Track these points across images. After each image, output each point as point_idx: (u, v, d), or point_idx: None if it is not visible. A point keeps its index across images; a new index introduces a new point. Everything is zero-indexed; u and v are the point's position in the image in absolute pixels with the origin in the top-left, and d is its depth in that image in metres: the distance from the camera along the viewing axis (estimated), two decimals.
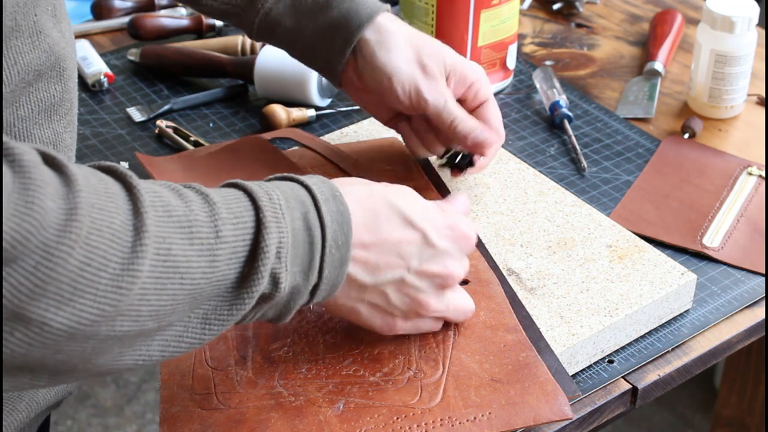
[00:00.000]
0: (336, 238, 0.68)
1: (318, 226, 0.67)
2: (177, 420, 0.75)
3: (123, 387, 2.14)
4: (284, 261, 0.65)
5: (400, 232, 0.73)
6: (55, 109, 0.75)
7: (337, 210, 0.68)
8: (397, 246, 0.73)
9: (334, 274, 0.69)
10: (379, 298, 0.75)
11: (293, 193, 0.68)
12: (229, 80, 1.24)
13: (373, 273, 0.72)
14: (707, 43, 1.15)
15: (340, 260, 0.69)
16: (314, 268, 0.67)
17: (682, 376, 0.88)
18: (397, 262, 0.73)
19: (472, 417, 0.75)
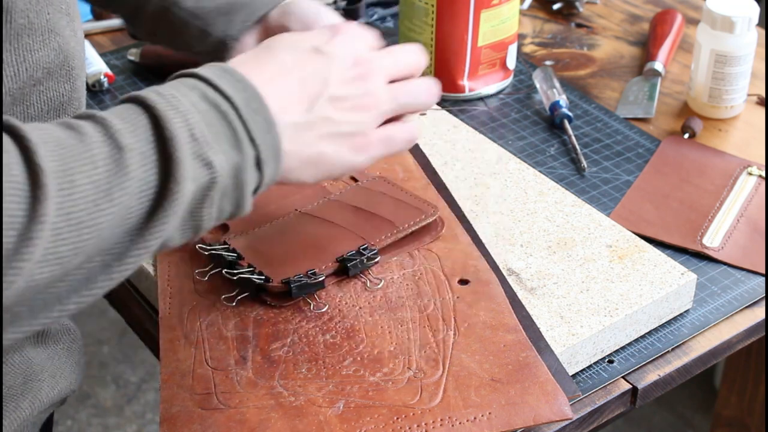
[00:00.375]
0: (248, 103, 0.65)
1: (222, 98, 0.65)
2: (177, 420, 0.75)
3: (123, 387, 2.14)
4: (203, 140, 0.62)
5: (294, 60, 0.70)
6: (64, 108, 0.75)
7: (234, 79, 0.66)
8: (306, 74, 0.70)
9: (269, 137, 0.66)
10: (328, 126, 0.71)
11: (181, 83, 0.65)
12: None
13: (304, 108, 0.70)
14: (707, 43, 1.15)
15: (266, 121, 0.66)
16: (242, 138, 0.65)
17: (682, 376, 0.88)
18: (315, 86, 0.70)
19: (472, 417, 0.75)
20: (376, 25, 1.37)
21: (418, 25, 1.18)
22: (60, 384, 0.81)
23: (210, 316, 0.84)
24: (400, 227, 0.90)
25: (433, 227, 0.92)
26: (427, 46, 1.19)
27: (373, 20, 1.37)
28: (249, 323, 0.83)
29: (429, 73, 1.20)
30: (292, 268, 0.86)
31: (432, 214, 0.92)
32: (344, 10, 1.36)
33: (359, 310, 0.85)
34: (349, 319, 0.84)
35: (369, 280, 0.87)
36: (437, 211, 0.92)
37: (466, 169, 1.03)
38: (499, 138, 1.14)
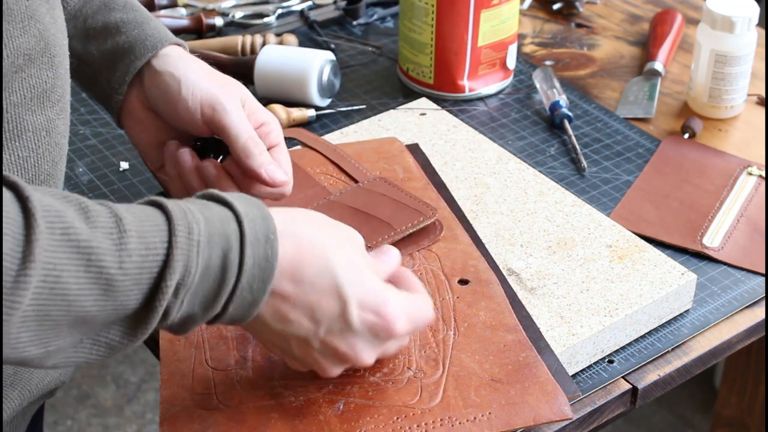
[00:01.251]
0: (252, 282, 0.65)
1: (236, 268, 0.65)
2: (177, 420, 0.75)
3: (123, 387, 2.14)
4: (181, 297, 0.63)
5: (321, 296, 0.69)
6: (48, 95, 0.75)
7: (263, 255, 0.65)
8: (312, 307, 0.69)
9: (241, 312, 0.67)
10: (282, 343, 0.72)
11: (221, 227, 0.65)
12: None
13: (280, 322, 0.70)
14: (707, 43, 1.15)
15: (251, 303, 0.67)
16: (218, 304, 0.65)
17: (682, 376, 0.88)
18: (306, 323, 0.70)
19: (472, 417, 0.75)
20: (376, 25, 1.37)
21: (418, 25, 1.18)
22: (50, 375, 0.81)
23: None
24: (398, 229, 0.90)
25: (431, 230, 0.92)
26: (427, 46, 1.19)
27: (373, 20, 1.37)
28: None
29: (429, 73, 1.20)
30: None
31: (430, 216, 0.92)
32: (344, 10, 1.36)
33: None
34: None
35: None
36: (436, 213, 0.92)
37: (466, 169, 1.03)
38: (499, 138, 1.14)
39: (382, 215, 0.92)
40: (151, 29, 0.90)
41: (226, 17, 1.35)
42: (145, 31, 0.90)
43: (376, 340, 0.72)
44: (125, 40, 0.89)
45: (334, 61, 1.19)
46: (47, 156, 0.75)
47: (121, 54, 0.89)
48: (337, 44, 1.31)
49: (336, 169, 1.01)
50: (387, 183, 0.96)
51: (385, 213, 0.92)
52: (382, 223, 0.91)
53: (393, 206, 0.93)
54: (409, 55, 1.22)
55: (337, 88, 1.20)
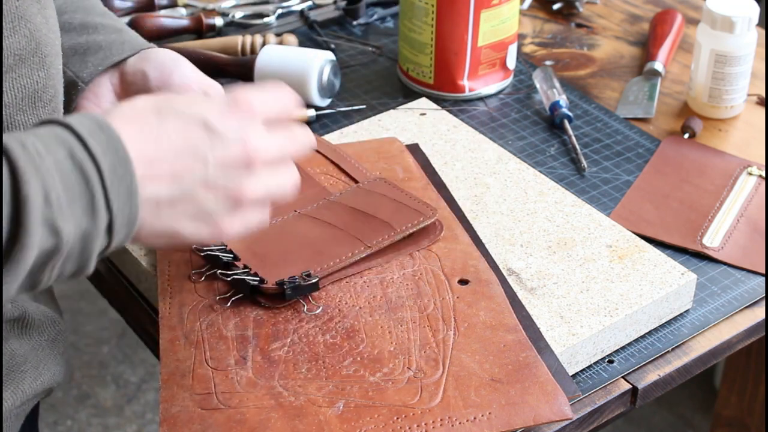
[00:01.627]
0: (114, 169, 0.62)
1: (89, 160, 0.62)
2: (177, 420, 0.75)
3: (123, 387, 2.14)
4: (56, 205, 0.60)
5: (182, 132, 0.66)
6: (39, 95, 0.74)
7: (106, 139, 0.63)
8: (183, 146, 0.66)
9: (127, 206, 0.64)
10: (193, 206, 0.68)
11: (53, 133, 0.62)
12: (229, 80, 1.23)
13: (174, 182, 0.66)
14: (707, 43, 1.15)
15: (128, 191, 0.63)
16: (98, 205, 0.62)
17: (682, 376, 0.88)
18: (192, 163, 0.66)
19: (472, 417, 0.75)
20: (376, 25, 1.37)
21: (418, 25, 1.18)
22: (43, 375, 0.81)
23: (210, 316, 0.84)
24: (398, 229, 0.90)
25: (431, 230, 0.92)
26: (427, 46, 1.19)
27: (373, 20, 1.37)
28: (249, 323, 0.83)
29: (429, 73, 1.20)
30: (287, 270, 0.86)
31: (430, 217, 0.92)
32: (344, 10, 1.36)
33: (359, 310, 0.85)
34: (349, 319, 0.84)
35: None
36: (436, 214, 0.92)
37: (466, 169, 1.03)
38: (499, 138, 1.14)
39: (382, 215, 0.92)
40: (130, 37, 0.90)
41: (226, 17, 1.35)
42: (123, 37, 0.90)
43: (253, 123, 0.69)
44: (103, 39, 0.89)
45: (334, 61, 1.19)
46: None
47: (96, 49, 0.88)
48: (337, 44, 1.31)
49: (336, 169, 1.01)
50: (387, 183, 0.96)
51: (385, 213, 0.92)
52: (383, 223, 0.91)
53: (393, 206, 0.93)
54: (409, 55, 1.22)
55: (337, 88, 1.20)
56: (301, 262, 0.87)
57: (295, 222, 0.92)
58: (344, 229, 0.90)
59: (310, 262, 0.87)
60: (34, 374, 0.80)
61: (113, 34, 0.90)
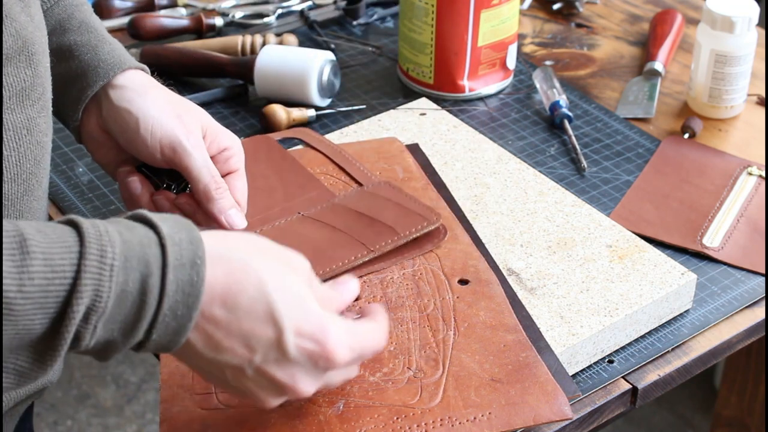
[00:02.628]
0: (175, 308, 0.62)
1: (156, 293, 0.62)
2: (177, 420, 0.75)
3: (123, 387, 2.14)
4: (93, 323, 0.60)
5: (256, 323, 0.66)
6: (27, 93, 0.74)
7: (188, 280, 0.63)
8: (247, 333, 0.66)
9: (166, 340, 0.64)
10: (216, 371, 0.68)
11: (141, 250, 0.62)
12: (229, 80, 1.24)
13: (213, 350, 0.66)
14: (707, 43, 1.15)
15: (176, 330, 0.63)
16: (139, 331, 0.62)
17: (682, 376, 0.88)
18: (240, 351, 0.66)
19: (472, 417, 0.75)
20: (376, 25, 1.37)
21: (418, 25, 1.18)
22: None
23: None
24: (401, 234, 0.90)
25: (435, 234, 0.92)
26: (427, 46, 1.19)
27: (373, 20, 1.37)
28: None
29: (429, 73, 1.20)
30: None
31: (434, 222, 0.91)
32: (344, 10, 1.36)
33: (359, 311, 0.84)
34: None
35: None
36: (440, 219, 0.92)
37: (466, 169, 1.03)
38: (499, 138, 1.14)
39: (386, 219, 0.91)
40: (105, 54, 0.88)
41: (226, 17, 1.35)
42: (99, 56, 0.87)
43: (316, 370, 0.68)
44: (77, 65, 0.87)
45: (334, 61, 1.19)
46: (29, 155, 0.75)
47: (73, 79, 0.87)
48: (337, 44, 1.31)
49: (337, 169, 1.01)
50: (392, 187, 0.96)
51: (389, 217, 0.92)
52: (386, 228, 0.90)
53: (397, 211, 0.92)
54: (409, 55, 1.22)
55: (337, 88, 1.20)
56: None
57: (298, 224, 0.92)
58: (347, 232, 0.90)
59: (312, 265, 0.86)
60: None
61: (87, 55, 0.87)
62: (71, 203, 1.04)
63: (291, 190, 0.97)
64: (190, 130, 0.85)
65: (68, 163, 1.10)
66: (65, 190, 1.06)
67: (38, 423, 2.04)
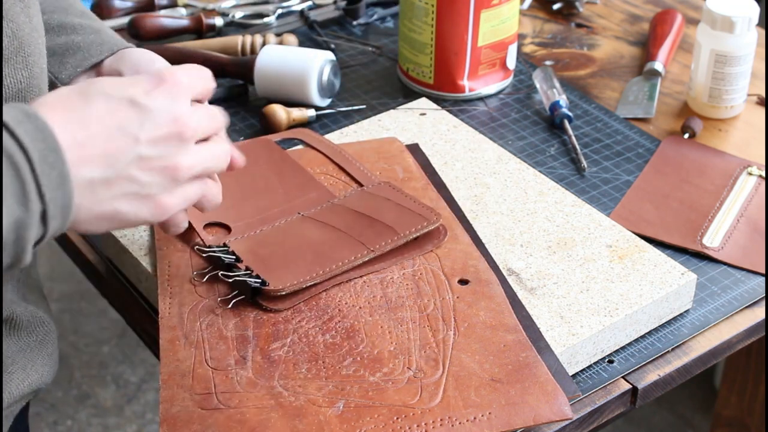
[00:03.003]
0: (45, 157, 0.62)
1: (18, 150, 0.61)
2: (177, 420, 0.75)
3: (123, 387, 2.14)
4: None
5: (110, 113, 0.66)
6: (23, 95, 0.74)
7: (35, 128, 0.62)
8: (113, 127, 0.66)
9: (59, 194, 0.63)
10: (130, 185, 0.68)
11: None
12: (229, 80, 1.24)
13: (108, 164, 0.66)
14: (707, 43, 1.15)
15: (60, 177, 0.63)
16: (30, 194, 0.62)
17: (682, 376, 0.88)
18: (124, 142, 0.66)
19: (472, 417, 0.75)
20: (376, 25, 1.37)
21: (418, 25, 1.18)
22: (31, 376, 0.81)
23: (210, 316, 0.84)
24: (401, 234, 0.90)
25: (435, 235, 0.92)
26: (427, 46, 1.19)
27: (373, 20, 1.37)
28: (249, 323, 0.83)
29: (429, 73, 1.20)
30: (289, 272, 0.86)
31: (434, 222, 0.91)
32: (344, 10, 1.36)
33: (359, 310, 0.85)
34: (349, 319, 0.84)
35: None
36: (440, 219, 0.92)
37: (466, 169, 1.03)
38: (499, 138, 1.14)
39: (386, 219, 0.91)
40: (108, 37, 0.89)
41: (226, 17, 1.35)
42: (102, 38, 0.89)
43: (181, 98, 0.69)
44: (81, 40, 0.88)
45: (334, 61, 1.19)
46: None
47: (74, 50, 0.88)
48: (337, 44, 1.31)
49: (337, 170, 1.01)
50: (392, 187, 0.96)
51: (389, 217, 0.92)
52: (386, 228, 0.90)
53: (397, 211, 0.93)
54: (409, 55, 1.22)
55: (337, 88, 1.20)
56: (303, 264, 0.87)
57: (298, 224, 0.92)
58: (347, 232, 0.90)
59: (312, 265, 0.87)
60: (22, 375, 0.80)
61: (91, 35, 0.89)
62: None
63: (291, 191, 0.97)
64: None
65: None
66: None
67: (38, 423, 2.04)
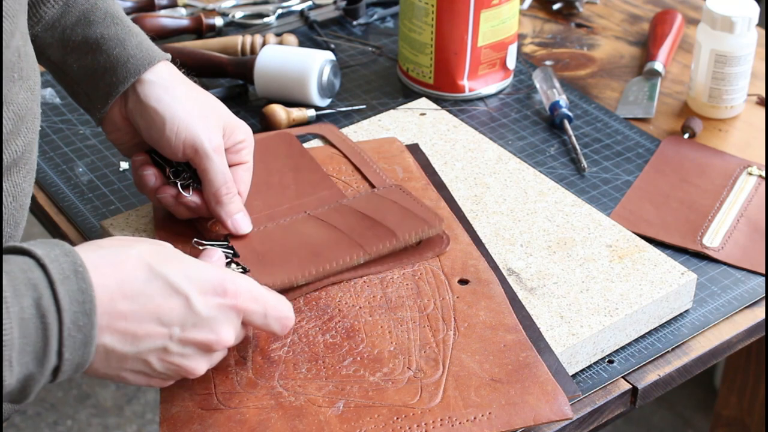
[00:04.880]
0: (76, 320, 0.63)
1: (54, 311, 0.63)
2: (177, 420, 0.75)
3: (123, 387, 2.14)
4: (8, 358, 0.61)
5: (161, 298, 0.68)
6: (16, 162, 0.75)
7: (77, 288, 0.64)
8: (157, 313, 0.68)
9: (78, 355, 0.65)
10: (142, 366, 0.70)
11: (24, 276, 0.63)
12: (229, 80, 1.24)
13: (132, 343, 0.68)
14: (707, 43, 1.15)
15: (84, 341, 0.64)
16: (50, 353, 0.63)
17: (682, 376, 0.88)
18: (157, 331, 0.68)
19: (472, 417, 0.75)
20: (376, 25, 1.37)
21: (418, 25, 1.18)
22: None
23: None
24: (401, 238, 0.90)
25: (438, 242, 0.91)
26: (427, 46, 1.19)
27: (373, 20, 1.37)
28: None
29: (429, 73, 1.20)
30: (282, 270, 0.86)
31: (435, 227, 0.91)
32: (344, 10, 1.36)
33: (359, 310, 0.85)
34: (349, 319, 0.84)
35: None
36: (443, 225, 0.91)
37: (466, 169, 1.03)
38: (499, 138, 1.14)
39: (388, 222, 0.91)
40: (133, 48, 0.88)
41: (226, 17, 1.35)
42: (128, 51, 0.88)
43: (228, 318, 0.72)
44: (106, 59, 0.87)
45: (334, 61, 1.19)
46: (11, 220, 0.76)
47: (102, 73, 0.88)
48: (337, 44, 1.31)
49: (352, 169, 1.00)
50: (402, 191, 0.96)
51: (391, 220, 0.91)
52: (387, 231, 0.90)
53: (401, 214, 0.92)
54: (409, 55, 1.22)
55: (337, 88, 1.20)
56: (297, 262, 0.87)
57: (302, 223, 0.92)
58: (347, 233, 0.90)
59: (306, 264, 0.87)
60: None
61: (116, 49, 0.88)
62: (71, 203, 1.04)
63: (303, 188, 0.97)
64: (212, 133, 0.87)
65: (68, 163, 1.10)
66: (65, 190, 1.06)
67: (38, 423, 2.04)
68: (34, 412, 2.05)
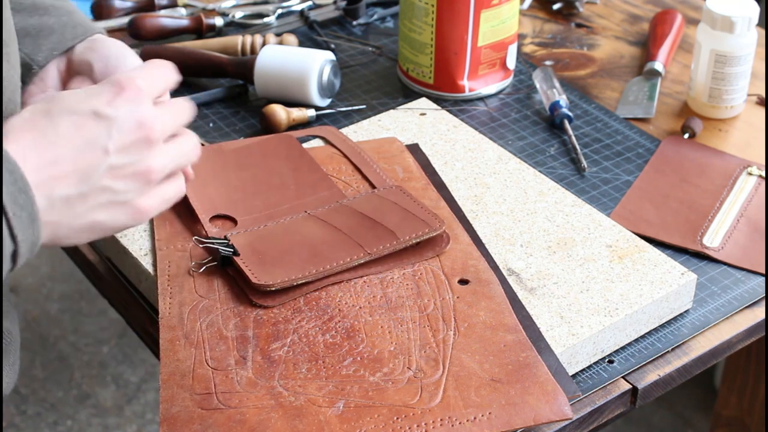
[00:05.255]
0: (15, 199, 0.64)
1: None
2: (177, 420, 0.75)
3: (123, 387, 2.14)
4: None
5: (73, 128, 0.67)
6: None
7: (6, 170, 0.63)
8: (81, 140, 0.67)
9: (30, 231, 0.65)
10: (105, 195, 0.69)
11: None
12: (229, 80, 1.24)
13: (80, 179, 0.67)
14: (707, 43, 1.15)
15: (30, 216, 0.64)
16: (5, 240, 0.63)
17: (682, 376, 0.88)
18: (93, 156, 0.68)
19: (472, 417, 0.75)
20: (376, 25, 1.37)
21: (418, 25, 1.18)
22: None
23: (210, 316, 0.84)
24: (401, 238, 0.90)
25: (437, 242, 0.91)
26: (427, 46, 1.19)
27: (373, 20, 1.37)
28: (249, 323, 0.83)
29: (429, 73, 1.20)
30: (282, 269, 0.86)
31: (436, 229, 0.91)
32: (344, 10, 1.36)
33: (359, 310, 0.85)
34: (349, 319, 0.84)
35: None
36: (443, 226, 0.92)
37: (466, 169, 1.03)
38: (499, 138, 1.14)
39: (388, 223, 0.91)
40: (80, 19, 0.90)
41: (226, 17, 1.35)
42: (74, 19, 0.89)
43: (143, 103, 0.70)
44: (55, 21, 0.88)
45: (334, 61, 1.19)
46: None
47: (48, 32, 0.88)
48: (337, 44, 1.31)
49: (352, 170, 1.01)
50: (403, 192, 0.96)
51: (392, 221, 0.92)
52: (387, 231, 0.90)
53: (401, 215, 0.92)
54: (409, 55, 1.22)
55: (337, 88, 1.20)
56: (297, 262, 0.87)
57: (302, 222, 0.92)
58: (348, 233, 0.90)
59: (306, 264, 0.87)
60: None
61: (64, 17, 0.89)
62: None
63: (303, 189, 0.97)
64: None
65: None
66: None
67: (38, 423, 2.04)
68: (34, 412, 2.05)
